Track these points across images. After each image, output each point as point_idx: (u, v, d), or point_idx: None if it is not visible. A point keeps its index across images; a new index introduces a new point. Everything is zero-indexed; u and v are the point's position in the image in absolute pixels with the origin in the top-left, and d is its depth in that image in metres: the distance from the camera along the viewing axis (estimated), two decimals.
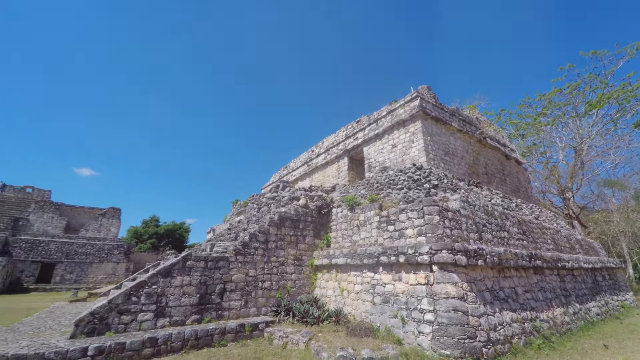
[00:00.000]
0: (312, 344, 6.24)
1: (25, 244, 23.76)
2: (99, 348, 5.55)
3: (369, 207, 9.13)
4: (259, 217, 13.54)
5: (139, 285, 7.06)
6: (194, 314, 7.54)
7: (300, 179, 22.43)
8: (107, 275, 25.75)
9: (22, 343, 5.73)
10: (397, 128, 14.36)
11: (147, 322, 6.92)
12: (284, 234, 10.15)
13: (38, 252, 23.89)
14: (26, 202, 28.23)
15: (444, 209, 7.31)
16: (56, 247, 24.76)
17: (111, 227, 30.07)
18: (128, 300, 6.79)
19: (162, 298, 7.30)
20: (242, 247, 9.01)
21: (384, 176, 11.83)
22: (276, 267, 9.59)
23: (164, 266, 7.66)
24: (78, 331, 6.09)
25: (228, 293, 8.28)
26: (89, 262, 25.47)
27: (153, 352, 6.06)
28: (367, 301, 7.79)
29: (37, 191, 30.63)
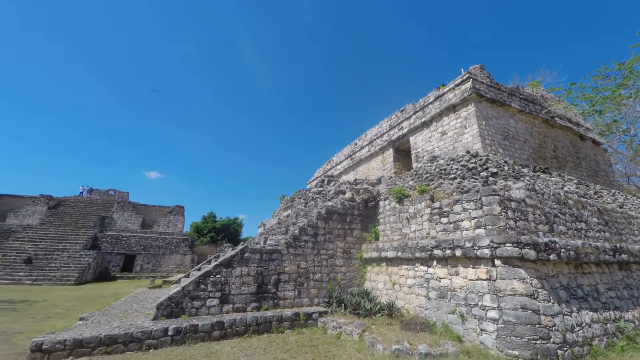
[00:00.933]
0: (366, 336, 6.28)
1: (111, 238, 27.83)
2: (177, 329, 6.32)
3: (418, 199, 8.78)
4: (307, 212, 13.91)
5: (206, 275, 7.82)
6: (253, 302, 8.11)
7: (344, 173, 22.42)
8: (176, 265, 28.96)
9: (113, 324, 6.77)
10: (447, 114, 13.47)
11: (214, 307, 7.65)
12: (332, 227, 10.31)
13: (121, 246, 27.82)
14: (110, 203, 32.94)
15: (505, 198, 6.70)
16: (135, 241, 28.55)
17: (177, 222, 33.59)
18: (197, 287, 7.58)
19: (226, 286, 7.98)
20: (292, 240, 9.38)
21: (433, 166, 11.23)
22: (326, 259, 9.80)
23: (225, 258, 8.35)
24: (159, 314, 7.00)
25: (282, 283, 8.73)
26: (161, 254, 28.90)
27: (221, 335, 6.70)
28: (420, 295, 7.56)
29: (118, 193, 35.51)
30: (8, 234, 25.03)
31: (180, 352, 5.74)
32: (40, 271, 20.94)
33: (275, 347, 6.11)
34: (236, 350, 5.92)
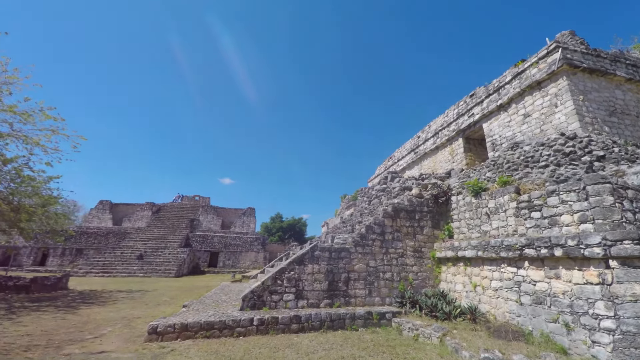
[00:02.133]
0: (448, 340, 5.88)
1: (199, 238, 31.97)
2: (260, 319, 6.92)
3: (500, 192, 7.84)
4: (371, 210, 13.73)
5: (281, 271, 8.38)
6: (325, 299, 8.37)
7: (408, 168, 21.41)
8: (251, 262, 31.74)
9: (209, 312, 7.74)
10: (530, 93, 11.72)
11: (290, 302, 8.15)
12: (399, 225, 9.96)
13: (207, 244, 31.74)
14: (196, 207, 37.88)
15: (619, 186, 5.51)
16: (217, 240, 32.25)
17: (250, 223, 36.75)
18: (275, 283, 8.17)
19: (299, 283, 8.42)
20: (360, 238, 9.36)
21: (516, 153, 9.90)
22: (395, 258, 9.52)
23: (297, 256, 8.81)
24: (244, 305, 7.77)
25: (352, 282, 8.79)
26: (239, 252, 32.02)
27: (299, 328, 7.09)
28: (510, 300, 6.74)
29: (202, 198, 40.60)
30: (124, 235, 30.91)
31: (265, 341, 6.28)
32: (149, 265, 25.30)
33: (351, 344, 6.20)
34: (314, 344, 6.19)
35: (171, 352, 5.51)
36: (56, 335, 6.44)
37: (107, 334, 6.77)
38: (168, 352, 5.52)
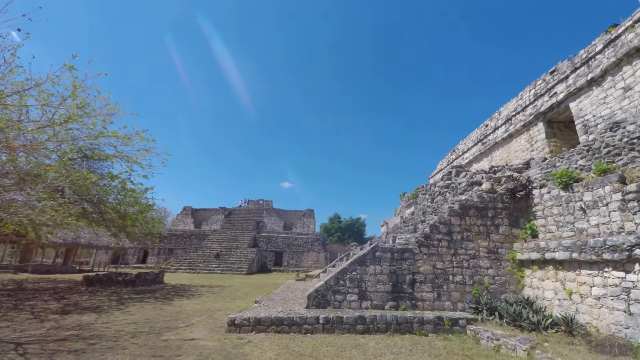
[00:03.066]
0: (537, 354, 5.16)
1: (265, 239, 34.27)
2: (326, 318, 7.09)
3: (599, 182, 6.59)
4: (435, 208, 12.90)
5: (343, 272, 8.45)
6: (390, 300, 8.15)
7: (475, 161, 19.47)
8: (313, 262, 32.72)
9: (278, 308, 8.23)
10: (628, 62, 9.61)
11: (354, 302, 8.17)
12: (469, 224, 9.14)
13: (272, 244, 33.83)
14: (260, 210, 40.73)
15: None
16: (281, 241, 34.13)
17: (310, 224, 37.96)
18: (337, 283, 8.29)
19: (362, 283, 8.38)
20: (424, 239, 8.87)
21: (617, 135, 8.19)
22: (466, 260, 8.76)
23: (358, 256, 8.78)
24: (310, 303, 8.06)
25: (418, 284, 8.37)
26: (301, 252, 33.34)
27: (364, 329, 7.06)
28: (617, 310, 5.60)
29: (265, 202, 43.50)
30: (203, 236, 34.90)
31: (332, 340, 6.41)
32: (225, 263, 28.10)
33: (421, 350, 5.91)
34: (381, 347, 6.08)
35: (248, 344, 6.04)
36: (156, 323, 7.62)
37: (196, 323, 7.75)
38: (245, 343, 6.05)
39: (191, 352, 5.43)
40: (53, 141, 9.79)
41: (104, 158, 14.11)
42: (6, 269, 20.64)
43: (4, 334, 6.05)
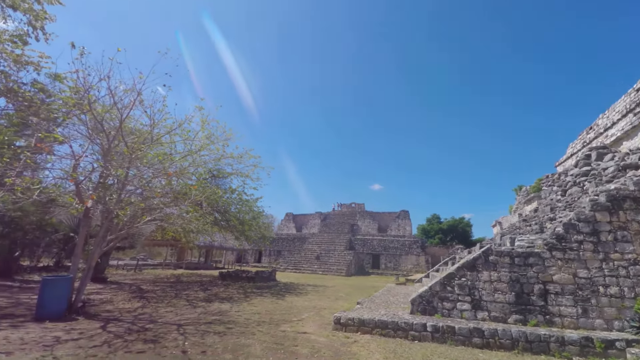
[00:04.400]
0: None
1: (360, 241, 34.63)
2: (434, 326, 6.64)
3: None
4: (569, 202, 10.43)
5: (449, 277, 7.76)
6: (513, 313, 7.00)
7: (625, 138, 14.72)
8: (413, 265, 31.04)
9: (381, 312, 8.18)
10: None
11: (466, 312, 7.38)
12: (624, 220, 7.03)
13: (368, 247, 33.87)
14: (353, 214, 41.47)
15: None
16: (377, 243, 33.80)
17: (405, 226, 36.29)
18: (444, 289, 7.66)
19: (474, 291, 7.49)
20: (556, 241, 7.27)
21: None
22: (623, 267, 6.75)
23: (467, 260, 7.90)
24: (414, 309, 7.72)
25: (552, 296, 6.90)
26: (398, 254, 32.19)
27: (482, 343, 6.27)
28: None
29: (357, 205, 44.08)
30: (304, 239, 37.89)
31: (444, 351, 5.96)
32: (325, 265, 29.77)
33: None
34: None
35: (355, 343, 6.24)
36: (274, 315, 8.72)
37: (305, 318, 8.50)
38: (352, 343, 6.28)
39: (305, 345, 6.00)
40: (193, 166, 12.49)
41: (225, 176, 17.21)
42: (168, 266, 27.47)
43: (169, 317, 8.05)
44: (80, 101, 9.20)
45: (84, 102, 8.95)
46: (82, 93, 9.08)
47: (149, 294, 11.80)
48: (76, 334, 5.96)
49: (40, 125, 11.89)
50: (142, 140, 10.10)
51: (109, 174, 8.89)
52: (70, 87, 10.65)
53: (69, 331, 6.15)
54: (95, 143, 9.38)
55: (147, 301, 10.15)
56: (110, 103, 9.56)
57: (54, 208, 12.88)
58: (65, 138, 9.56)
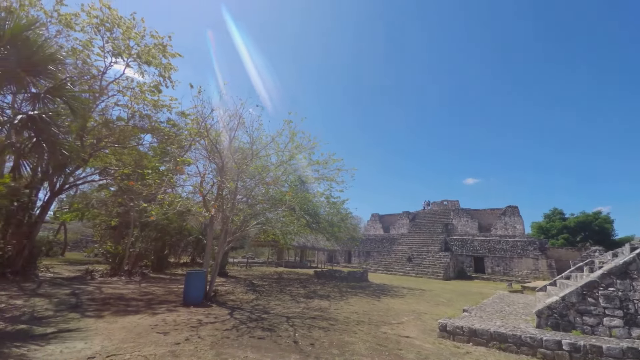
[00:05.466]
0: None
1: (457, 242, 31.36)
2: (573, 345, 5.45)
3: None
4: None
5: (590, 286, 6.25)
6: None
7: None
8: (530, 271, 26.19)
9: (496, 322, 7.18)
10: None
11: (617, 329, 5.81)
12: None
13: (467, 248, 30.36)
14: (446, 212, 37.92)
15: None
16: (479, 244, 29.98)
17: (515, 224, 31.01)
18: (583, 300, 6.22)
19: (627, 304, 5.86)
20: None
21: None
22: None
23: (616, 265, 6.22)
24: (542, 322, 6.51)
25: None
26: (508, 257, 27.72)
27: None
28: None
29: (450, 202, 40.13)
30: (393, 240, 36.69)
31: None
32: (418, 267, 28.13)
33: None
34: None
35: (467, 355, 5.68)
36: (372, 316, 8.72)
37: (405, 322, 8.21)
38: (465, 354, 5.73)
39: (410, 349, 5.80)
40: (285, 174, 13.73)
41: (312, 181, 18.33)
42: (270, 264, 30.80)
43: (279, 310, 8.97)
44: (200, 130, 11.35)
45: (202, 131, 11.02)
46: (200, 123, 11.19)
47: (259, 287, 13.50)
48: (212, 318, 7.30)
49: (175, 152, 15.10)
50: (245, 157, 11.73)
51: (224, 187, 10.64)
52: (192, 120, 13.20)
53: (207, 315, 7.60)
54: (213, 162, 11.38)
55: (259, 294, 11.64)
56: (220, 128, 11.48)
57: (188, 216, 16.17)
58: (192, 160, 11.99)
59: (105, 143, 13.53)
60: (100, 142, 13.25)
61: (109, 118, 14.42)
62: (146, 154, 16.62)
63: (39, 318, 6.47)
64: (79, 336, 5.39)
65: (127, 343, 5.15)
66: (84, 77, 12.18)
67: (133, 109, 14.85)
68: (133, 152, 15.85)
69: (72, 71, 11.83)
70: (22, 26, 7.07)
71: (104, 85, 13.53)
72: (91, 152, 12.74)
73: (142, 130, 14.94)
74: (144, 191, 11.27)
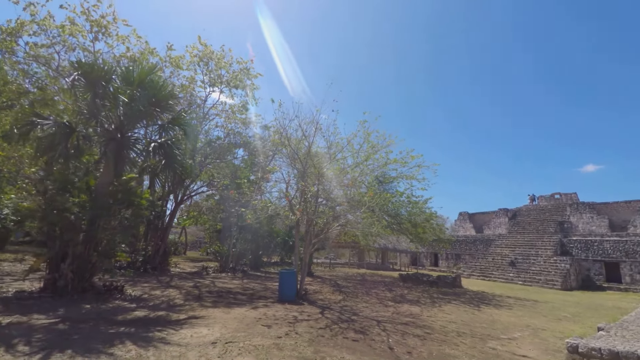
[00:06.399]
0: None
1: (578, 244, 25.53)
2: None
3: None
4: None
5: None
6: None
7: None
8: None
9: None
10: None
11: None
12: None
13: (594, 252, 24.38)
14: (559, 207, 31.36)
15: None
16: (611, 246, 23.76)
17: None
18: None
19: None
20: None
21: None
22: None
23: None
24: None
25: None
26: None
27: None
28: None
29: (563, 195, 33.10)
30: (488, 242, 32.32)
31: None
32: (525, 273, 24.02)
33: None
34: None
35: None
36: (474, 328, 7.80)
37: (518, 338, 7.06)
38: None
39: None
40: (361, 175, 13.65)
41: (390, 180, 17.71)
42: (352, 265, 31.00)
43: (367, 312, 8.87)
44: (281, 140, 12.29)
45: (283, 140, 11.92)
46: (281, 133, 12.12)
47: (344, 288, 13.72)
48: (305, 316, 7.75)
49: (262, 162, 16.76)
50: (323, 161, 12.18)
51: (307, 191, 11.25)
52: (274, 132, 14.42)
53: (301, 312, 8.10)
54: (295, 168, 12.18)
55: (345, 295, 11.83)
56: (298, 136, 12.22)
57: (276, 219, 17.70)
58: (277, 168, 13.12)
59: (210, 160, 16.00)
60: (206, 159, 15.73)
61: (211, 138, 17.02)
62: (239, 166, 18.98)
63: (172, 306, 8.01)
64: (203, 323, 6.44)
65: (240, 332, 5.90)
66: (192, 106, 14.74)
67: (227, 128, 17.15)
68: (230, 165, 18.27)
69: (183, 103, 14.47)
70: (146, 72, 8.99)
71: (205, 111, 16.07)
72: (200, 168, 15.25)
73: (236, 145, 17.12)
74: (242, 198, 12.86)
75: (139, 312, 7.05)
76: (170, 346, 4.80)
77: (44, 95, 11.00)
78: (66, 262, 7.39)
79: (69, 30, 12.24)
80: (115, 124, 8.77)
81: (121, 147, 8.47)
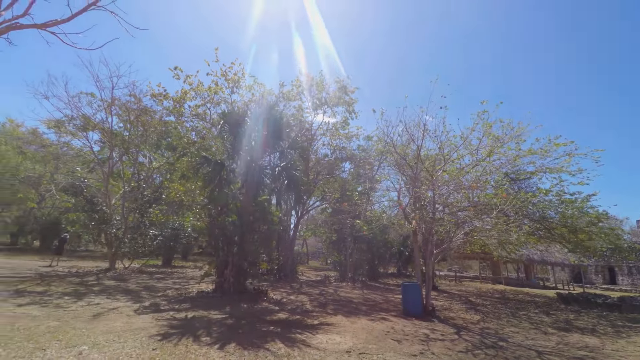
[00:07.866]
0: None
1: None
2: None
3: None
4: None
5: None
6: None
7: None
8: None
9: None
10: None
11: None
12: None
13: None
14: None
15: None
16: None
17: None
18: None
19: None
20: None
21: None
22: None
23: None
24: None
25: None
26: None
27: None
28: None
29: None
30: None
31: None
32: None
33: None
34: None
35: None
36: None
37: None
38: None
39: None
40: (485, 174, 11.77)
41: (527, 177, 14.49)
42: (485, 280, 26.54)
43: (519, 339, 7.25)
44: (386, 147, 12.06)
45: (389, 147, 11.66)
46: (386, 140, 11.90)
47: (480, 307, 11.85)
48: (439, 335, 7.05)
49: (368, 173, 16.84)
50: (435, 163, 11.20)
51: (421, 197, 10.55)
52: (376, 141, 14.34)
53: (432, 330, 7.44)
54: (404, 174, 11.67)
55: (484, 315, 10.18)
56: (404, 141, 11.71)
57: (390, 229, 17.30)
58: (387, 176, 12.92)
59: (322, 176, 17.36)
60: (318, 175, 17.16)
61: (319, 157, 18.51)
62: (347, 179, 19.76)
63: (305, 311, 8.81)
64: (334, 330, 6.78)
65: (370, 344, 5.89)
66: (302, 131, 16.53)
67: (333, 145, 18.24)
68: (338, 180, 19.26)
69: (294, 129, 16.40)
70: (267, 110, 10.69)
71: (313, 133, 17.67)
72: (314, 185, 16.72)
73: (342, 159, 17.98)
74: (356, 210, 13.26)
75: (281, 314, 8.09)
76: (311, 349, 5.26)
77: (204, 142, 14.67)
78: (228, 269, 9.35)
79: (214, 90, 16.02)
80: (250, 156, 10.73)
81: (256, 174, 10.25)
